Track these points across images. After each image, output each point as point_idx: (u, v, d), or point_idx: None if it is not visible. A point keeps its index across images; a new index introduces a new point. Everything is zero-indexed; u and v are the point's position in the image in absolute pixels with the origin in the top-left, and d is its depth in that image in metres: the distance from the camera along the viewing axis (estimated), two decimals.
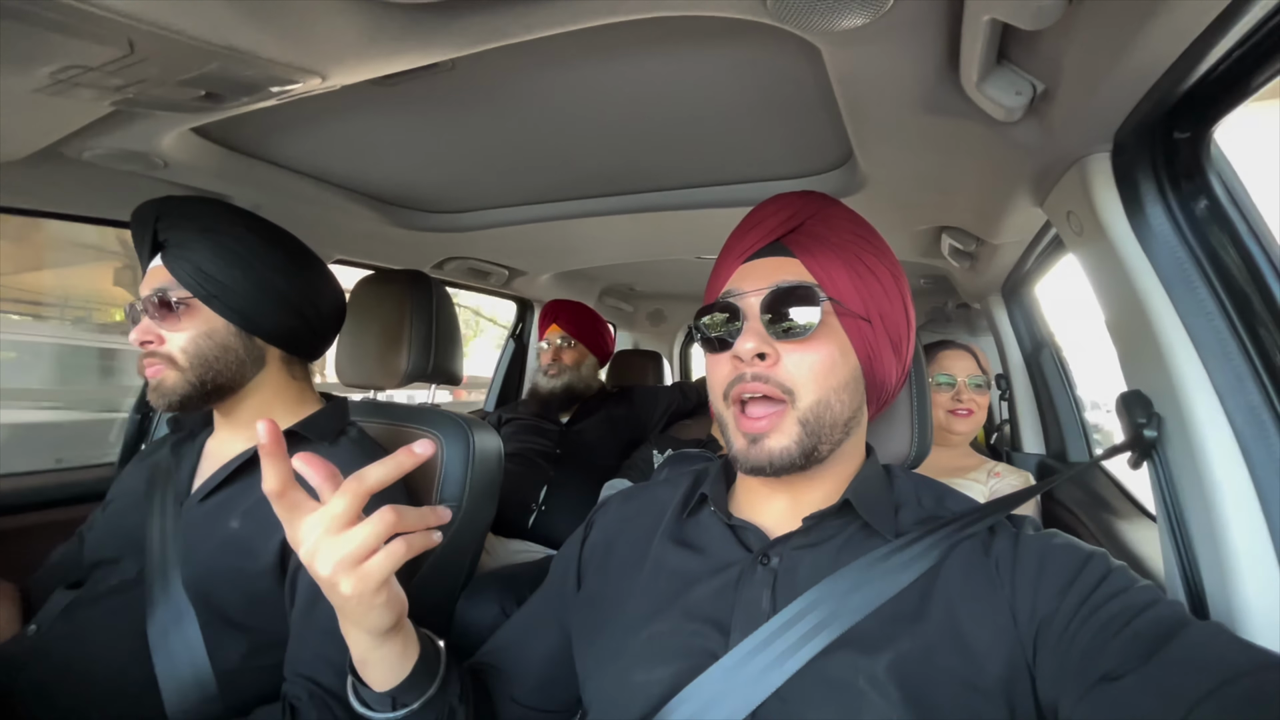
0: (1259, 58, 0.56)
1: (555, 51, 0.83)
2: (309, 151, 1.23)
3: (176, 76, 0.61)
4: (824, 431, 0.61)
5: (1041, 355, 1.72)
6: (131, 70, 0.58)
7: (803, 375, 0.61)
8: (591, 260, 2.15)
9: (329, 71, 0.67)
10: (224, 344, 0.92)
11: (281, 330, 0.97)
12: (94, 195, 1.20)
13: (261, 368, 0.97)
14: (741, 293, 0.64)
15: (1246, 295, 0.68)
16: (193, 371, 0.90)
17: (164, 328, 0.90)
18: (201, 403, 0.93)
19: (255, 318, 0.94)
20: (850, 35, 0.65)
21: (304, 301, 0.98)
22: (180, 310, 0.90)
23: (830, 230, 0.65)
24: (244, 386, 0.96)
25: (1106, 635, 0.49)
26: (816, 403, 0.61)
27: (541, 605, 0.77)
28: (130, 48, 0.54)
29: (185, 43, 0.54)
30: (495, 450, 1.26)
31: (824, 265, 0.63)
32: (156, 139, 0.96)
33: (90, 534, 1.00)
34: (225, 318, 0.92)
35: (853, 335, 0.63)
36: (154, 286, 0.90)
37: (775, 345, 0.61)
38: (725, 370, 0.63)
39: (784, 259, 0.65)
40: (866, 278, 0.64)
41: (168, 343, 0.90)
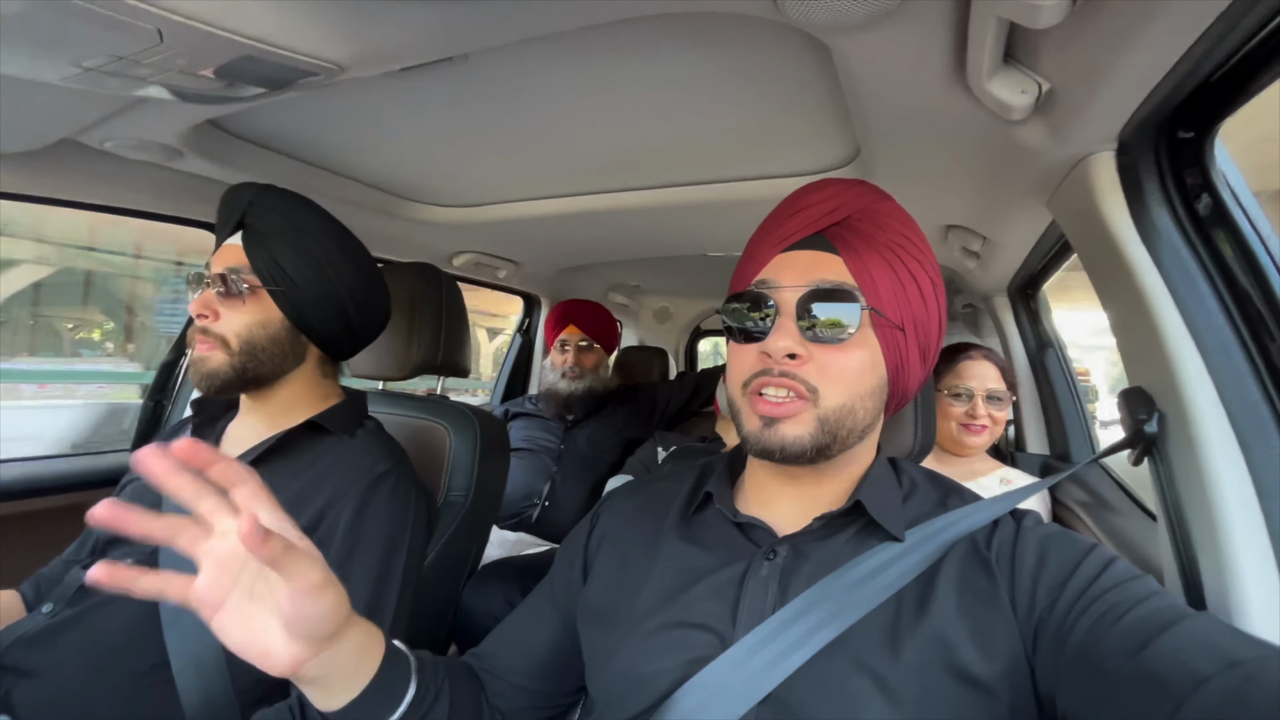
0: (1262, 58, 0.57)
1: (567, 46, 0.85)
2: (323, 144, 1.25)
3: (202, 67, 0.63)
4: (841, 433, 0.60)
5: (1046, 356, 1.72)
6: (159, 61, 0.60)
7: (830, 378, 0.59)
8: (599, 256, 2.16)
9: (350, 63, 0.68)
10: (274, 336, 0.95)
11: (329, 334, 1.00)
12: (111, 185, 1.22)
13: (300, 364, 1.00)
14: (778, 286, 0.61)
15: (1248, 294, 0.68)
16: (239, 357, 0.93)
17: (225, 307, 0.93)
18: (239, 388, 0.96)
19: (310, 319, 0.97)
20: (858, 33, 0.66)
21: (357, 312, 1.01)
22: (245, 295, 0.93)
23: (877, 229, 0.62)
24: (280, 379, 0.98)
25: (1103, 627, 0.49)
26: (840, 406, 0.59)
27: (547, 595, 0.78)
28: (160, 38, 0.56)
29: (213, 34, 0.56)
30: (502, 440, 1.28)
31: (867, 267, 0.60)
32: (176, 129, 0.98)
33: None
34: (284, 312, 0.95)
35: (885, 343, 0.61)
36: (227, 265, 0.93)
37: (808, 346, 0.59)
38: (750, 362, 0.61)
39: (825, 254, 0.61)
40: (907, 284, 0.61)
41: (223, 322, 0.92)
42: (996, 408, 1.51)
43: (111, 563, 0.46)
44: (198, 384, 0.93)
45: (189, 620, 0.85)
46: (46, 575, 1.02)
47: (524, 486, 2.00)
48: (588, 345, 2.13)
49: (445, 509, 1.17)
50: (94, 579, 0.45)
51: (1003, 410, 1.52)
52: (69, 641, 0.85)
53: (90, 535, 1.01)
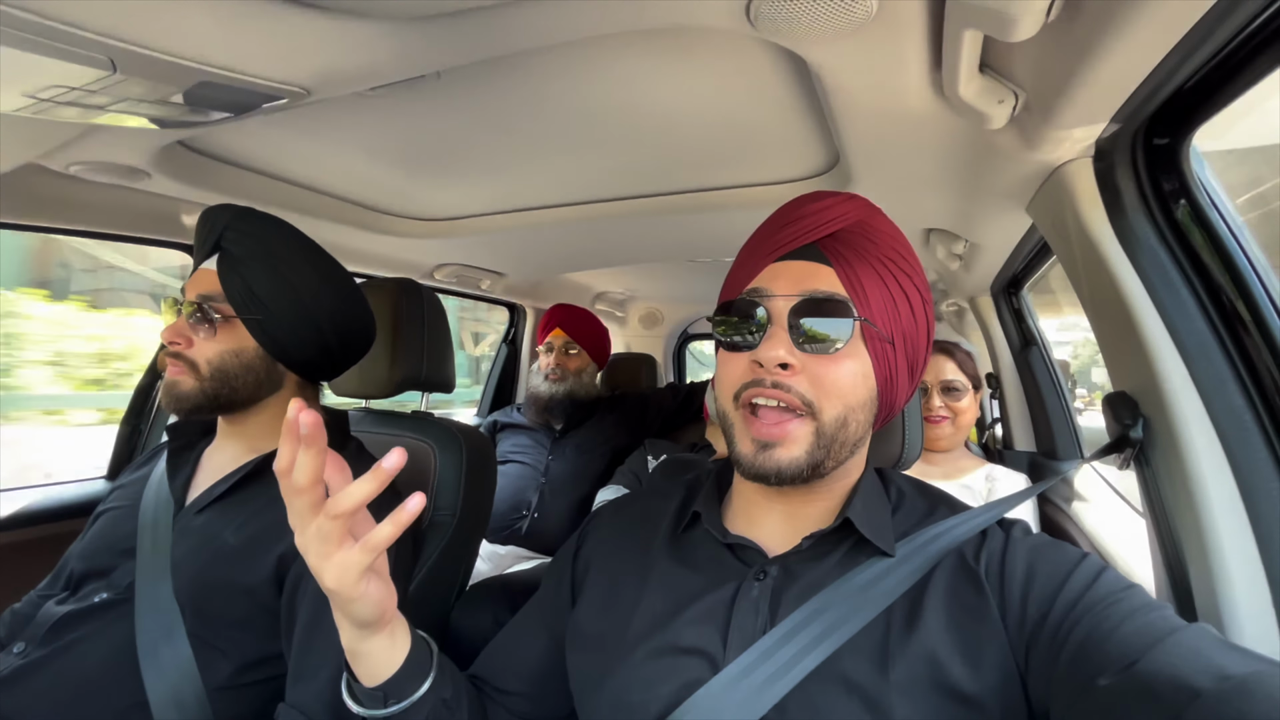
0: (1236, 67, 0.57)
1: (543, 60, 0.84)
2: (298, 160, 1.23)
3: (160, 94, 0.61)
4: (835, 448, 0.59)
5: (1031, 354, 1.73)
6: (114, 89, 0.58)
7: (824, 389, 0.58)
8: (584, 265, 2.15)
9: (315, 87, 0.67)
10: (248, 364, 0.93)
11: (306, 361, 0.98)
12: (78, 208, 1.19)
13: (276, 390, 0.98)
14: (770, 295, 0.60)
15: (1228, 298, 0.69)
16: (211, 383, 0.90)
17: (198, 334, 0.90)
18: (209, 412, 0.93)
19: (287, 347, 0.94)
20: (832, 46, 0.65)
21: (336, 339, 0.99)
22: (218, 324, 0.90)
23: (870, 242, 0.61)
24: (256, 404, 0.96)
25: (1095, 641, 0.48)
26: (835, 419, 0.58)
27: (534, 617, 0.77)
28: (113, 67, 0.54)
29: (168, 61, 0.54)
30: (488, 457, 1.26)
31: (859, 278, 0.60)
32: (142, 152, 0.95)
33: (80, 545, 0.99)
34: (258, 341, 0.93)
35: (875, 356, 0.60)
36: (200, 292, 0.91)
37: (800, 356, 0.58)
38: (740, 371, 0.60)
39: (817, 265, 0.61)
40: (898, 298, 0.61)
41: (195, 349, 0.90)
42: (954, 399, 1.53)
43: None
44: (167, 407, 0.91)
45: (167, 656, 0.83)
46: (19, 611, 0.99)
47: (512, 498, 1.98)
48: (573, 350, 2.12)
49: (431, 530, 1.15)
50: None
51: (961, 401, 1.54)
52: (42, 682, 0.82)
53: (64, 569, 0.98)
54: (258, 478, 0.93)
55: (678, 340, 3.51)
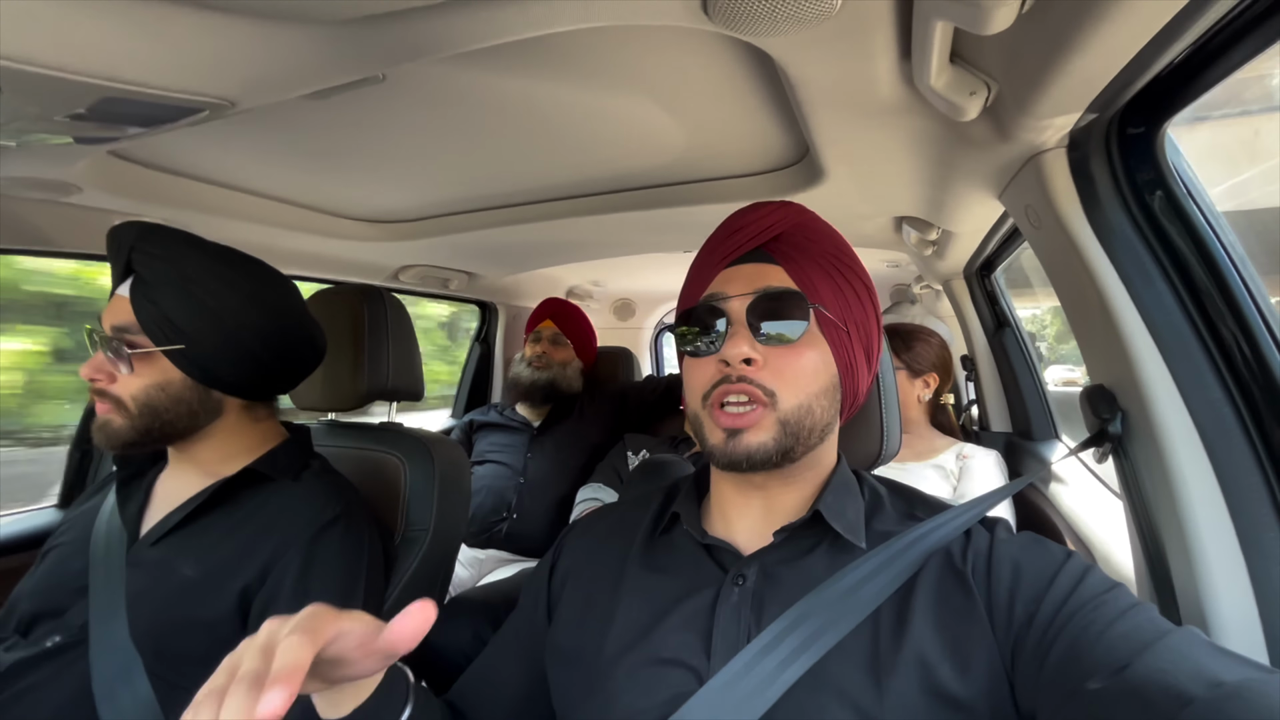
0: (1208, 59, 0.55)
1: (497, 58, 0.79)
2: (243, 166, 1.16)
3: (60, 112, 0.55)
4: (802, 434, 0.60)
5: (1005, 335, 1.74)
6: (7, 110, 0.53)
7: (786, 379, 0.60)
8: (553, 260, 2.11)
9: (239, 97, 0.61)
10: (178, 396, 0.86)
11: (244, 384, 0.91)
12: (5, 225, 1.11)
13: (217, 416, 0.92)
14: (727, 296, 0.62)
15: (1205, 289, 0.68)
16: (140, 419, 0.85)
17: (117, 369, 0.84)
18: (147, 447, 0.88)
19: (217, 373, 0.88)
20: (798, 41, 0.62)
21: (274, 357, 0.92)
22: (136, 358, 0.84)
23: (810, 241, 0.65)
24: (197, 433, 0.91)
25: (1083, 644, 0.48)
26: (798, 406, 0.60)
27: (511, 641, 0.75)
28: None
29: (63, 79, 0.48)
30: (461, 467, 1.23)
31: (806, 273, 0.63)
32: (67, 165, 0.89)
33: (30, 583, 0.94)
34: (184, 371, 0.86)
35: (832, 343, 0.63)
36: (114, 323, 0.84)
37: (762, 350, 0.60)
38: (708, 373, 0.62)
39: (767, 265, 0.64)
40: (845, 288, 0.64)
41: (119, 384, 0.84)
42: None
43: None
44: (100, 444, 0.86)
45: (126, 699, 0.79)
46: None
47: (491, 500, 1.95)
48: (558, 339, 2.12)
49: (405, 546, 1.12)
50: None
51: (911, 382, 1.60)
52: None
53: (14, 610, 0.93)
54: (214, 505, 0.89)
55: (655, 331, 3.48)
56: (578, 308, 2.22)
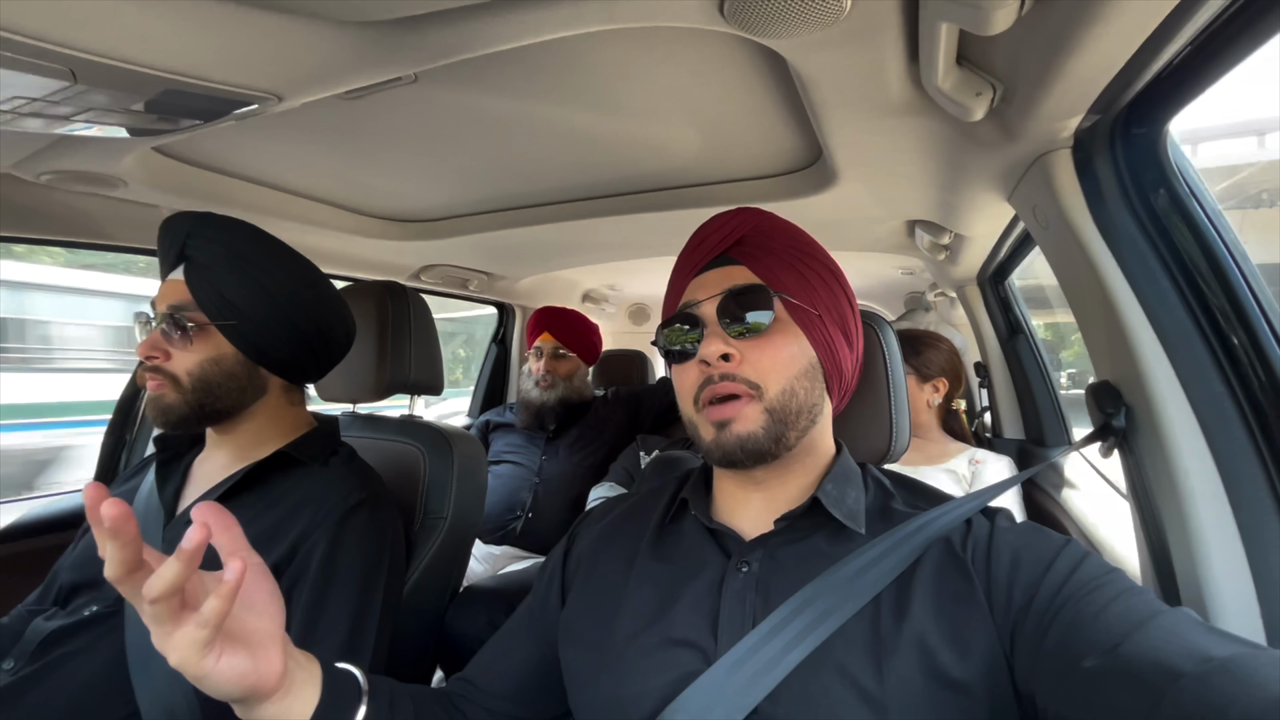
0: (1208, 56, 0.57)
1: (521, 59, 0.83)
2: (278, 165, 1.22)
3: (124, 104, 0.60)
4: (790, 418, 0.63)
5: (1018, 342, 1.74)
6: (77, 99, 0.57)
7: (765, 368, 0.63)
8: (572, 262, 2.14)
9: (285, 92, 0.66)
10: (230, 371, 0.91)
11: (289, 363, 0.96)
12: (54, 217, 1.17)
13: (262, 395, 0.97)
14: (697, 301, 0.67)
15: (1207, 286, 0.69)
16: (194, 394, 0.89)
17: (173, 346, 0.89)
18: (197, 424, 0.92)
19: (266, 350, 0.93)
20: (809, 42, 0.65)
21: (318, 338, 0.98)
22: (193, 333, 0.89)
23: (769, 239, 0.68)
24: (242, 412, 0.95)
25: (1079, 624, 0.49)
26: (781, 392, 0.63)
27: (525, 622, 0.77)
28: (73, 78, 0.53)
29: (130, 70, 0.53)
30: (478, 459, 1.26)
31: (768, 267, 0.66)
32: (115, 160, 0.94)
33: (70, 557, 0.98)
34: (237, 346, 0.91)
35: (805, 328, 0.66)
36: (171, 303, 0.89)
37: (737, 345, 0.63)
38: (693, 377, 0.65)
39: (732, 267, 0.68)
40: (808, 274, 0.67)
41: (174, 361, 0.89)
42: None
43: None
44: (154, 420, 0.90)
45: (158, 667, 0.82)
46: (8, 626, 0.98)
47: (506, 499, 1.98)
48: (562, 353, 2.09)
49: (423, 533, 1.15)
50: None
51: (921, 389, 1.60)
52: (33, 699, 0.81)
53: (54, 583, 0.98)
54: (248, 486, 0.93)
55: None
56: (573, 311, 2.17)
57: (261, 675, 0.52)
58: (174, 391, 0.89)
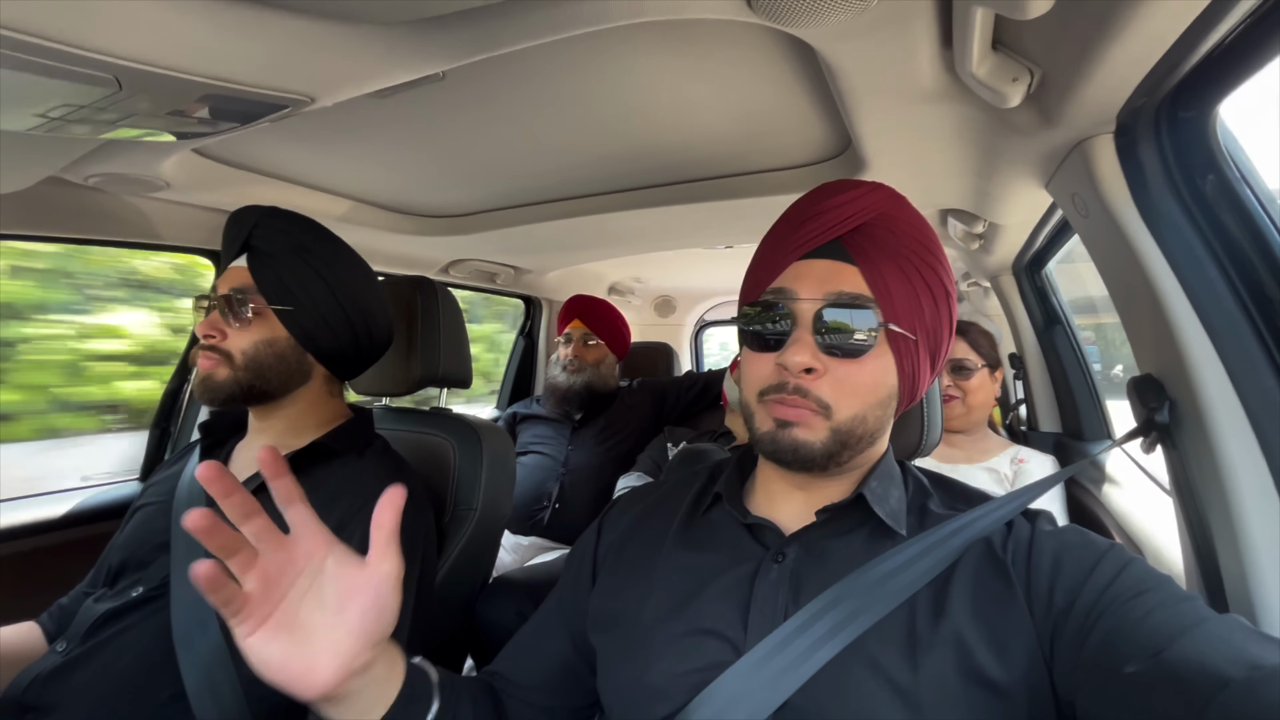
0: (1263, 34, 0.54)
1: (548, 55, 0.83)
2: (309, 164, 1.24)
3: (166, 109, 0.62)
4: (851, 441, 0.60)
5: (1055, 333, 1.69)
6: (121, 105, 0.59)
7: (844, 391, 0.59)
8: (598, 255, 2.15)
9: (319, 93, 0.67)
10: (281, 354, 0.96)
11: (335, 352, 1.01)
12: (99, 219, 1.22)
13: (305, 382, 1.01)
14: (795, 296, 0.60)
15: (1258, 275, 0.66)
16: (245, 373, 0.94)
17: (230, 327, 0.94)
18: (242, 401, 0.97)
19: (317, 337, 0.98)
20: (838, 31, 0.64)
21: (363, 330, 1.02)
22: (252, 315, 0.94)
23: (894, 236, 0.60)
24: (285, 396, 0.99)
25: (1123, 630, 0.48)
26: (853, 418, 0.59)
27: (554, 612, 0.77)
28: (119, 85, 0.55)
29: (173, 77, 0.55)
30: (507, 451, 1.28)
31: (883, 277, 0.59)
32: (157, 162, 0.97)
33: (119, 539, 1.02)
34: (290, 331, 0.96)
35: (897, 353, 0.60)
36: (233, 286, 0.94)
37: (824, 360, 0.58)
38: (766, 372, 0.61)
39: (841, 264, 0.60)
40: (922, 294, 0.60)
41: (229, 341, 0.94)
42: (963, 377, 1.51)
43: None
44: (200, 397, 0.94)
45: (202, 646, 0.85)
46: (66, 606, 1.03)
47: (534, 489, 2.00)
48: (592, 341, 2.12)
49: (453, 523, 1.17)
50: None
51: (971, 379, 1.52)
52: (83, 678, 0.85)
53: (103, 566, 1.02)
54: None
55: (695, 328, 3.49)
56: (604, 302, 2.21)
57: (292, 677, 0.49)
58: (226, 368, 0.93)
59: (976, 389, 1.54)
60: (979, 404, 1.55)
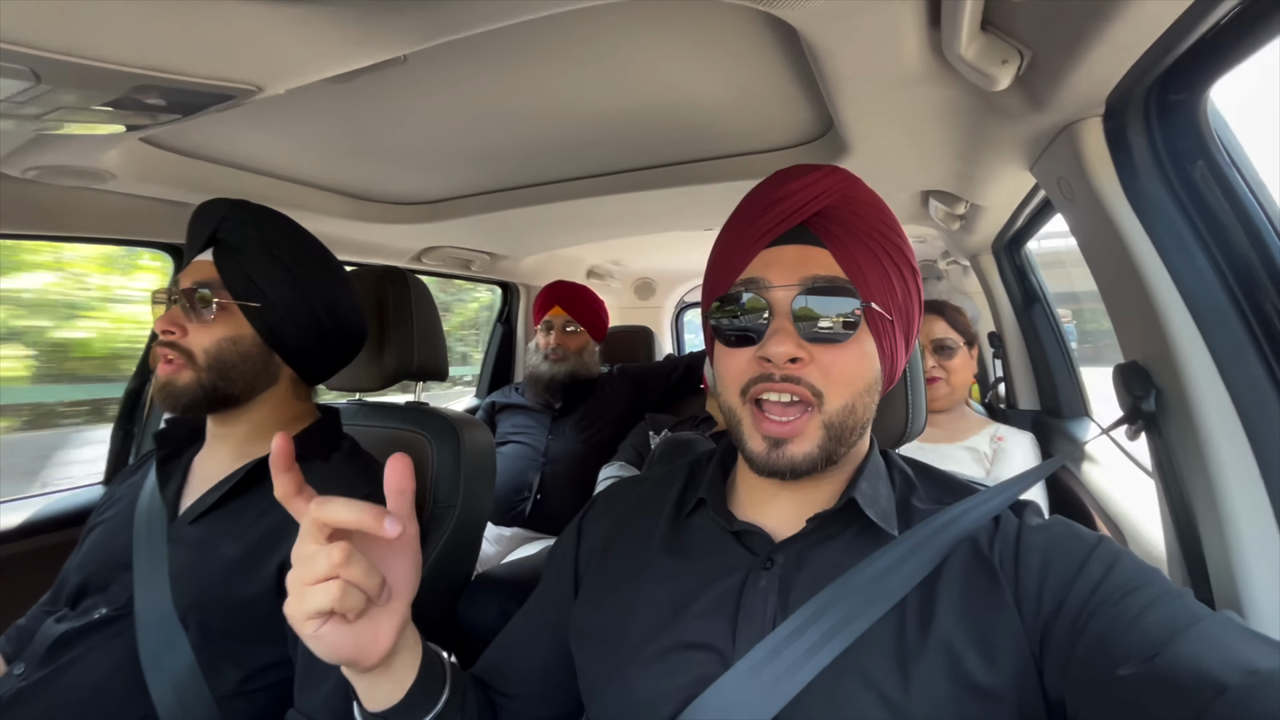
0: (1257, 18, 0.52)
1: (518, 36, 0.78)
2: (270, 151, 1.18)
3: (96, 101, 0.57)
4: (845, 434, 0.58)
5: (1034, 311, 1.70)
6: (44, 99, 0.54)
7: (833, 379, 0.57)
8: (576, 240, 2.10)
9: (266, 82, 0.62)
10: (246, 353, 0.91)
11: (303, 353, 0.96)
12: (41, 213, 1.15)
13: (272, 384, 0.96)
14: (769, 285, 0.58)
15: (1246, 263, 0.65)
16: (208, 374, 0.89)
17: (193, 323, 0.89)
18: (206, 408, 0.92)
19: (285, 337, 0.93)
20: (822, 12, 0.60)
21: (333, 330, 0.98)
22: (215, 310, 0.89)
23: (858, 217, 0.59)
24: (250, 400, 0.95)
25: (1114, 631, 0.47)
26: (843, 407, 0.57)
27: (537, 612, 0.75)
28: (35, 78, 0.50)
29: (98, 68, 0.50)
30: (486, 446, 1.25)
31: (855, 259, 0.58)
32: (99, 152, 0.91)
33: (77, 558, 0.98)
34: (256, 329, 0.91)
35: (877, 335, 0.59)
36: (196, 280, 0.89)
37: (808, 347, 0.56)
38: (746, 366, 0.59)
39: (812, 248, 0.59)
40: (891, 272, 0.59)
41: (191, 338, 0.89)
42: (947, 357, 1.51)
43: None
44: (162, 403, 0.89)
45: (171, 666, 0.82)
46: (24, 627, 0.98)
47: (514, 480, 1.98)
48: (573, 328, 2.09)
49: (433, 522, 1.14)
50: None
51: (954, 359, 1.52)
52: (44, 703, 0.81)
53: (64, 585, 0.97)
54: (250, 485, 0.91)
55: (675, 310, 3.47)
56: (583, 287, 2.16)
57: (362, 650, 0.51)
58: (188, 369, 0.88)
59: (959, 368, 1.55)
60: (961, 383, 1.56)
